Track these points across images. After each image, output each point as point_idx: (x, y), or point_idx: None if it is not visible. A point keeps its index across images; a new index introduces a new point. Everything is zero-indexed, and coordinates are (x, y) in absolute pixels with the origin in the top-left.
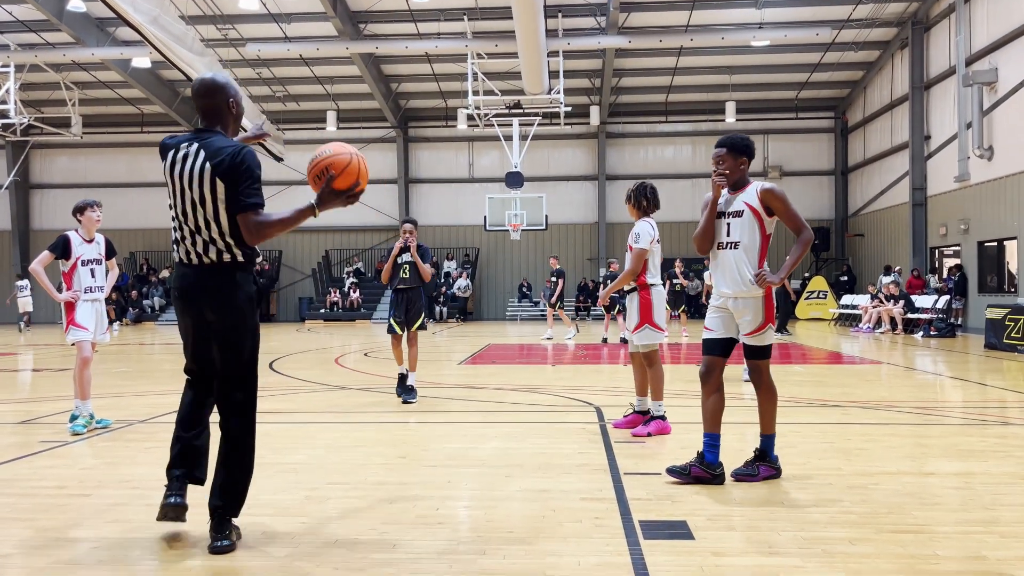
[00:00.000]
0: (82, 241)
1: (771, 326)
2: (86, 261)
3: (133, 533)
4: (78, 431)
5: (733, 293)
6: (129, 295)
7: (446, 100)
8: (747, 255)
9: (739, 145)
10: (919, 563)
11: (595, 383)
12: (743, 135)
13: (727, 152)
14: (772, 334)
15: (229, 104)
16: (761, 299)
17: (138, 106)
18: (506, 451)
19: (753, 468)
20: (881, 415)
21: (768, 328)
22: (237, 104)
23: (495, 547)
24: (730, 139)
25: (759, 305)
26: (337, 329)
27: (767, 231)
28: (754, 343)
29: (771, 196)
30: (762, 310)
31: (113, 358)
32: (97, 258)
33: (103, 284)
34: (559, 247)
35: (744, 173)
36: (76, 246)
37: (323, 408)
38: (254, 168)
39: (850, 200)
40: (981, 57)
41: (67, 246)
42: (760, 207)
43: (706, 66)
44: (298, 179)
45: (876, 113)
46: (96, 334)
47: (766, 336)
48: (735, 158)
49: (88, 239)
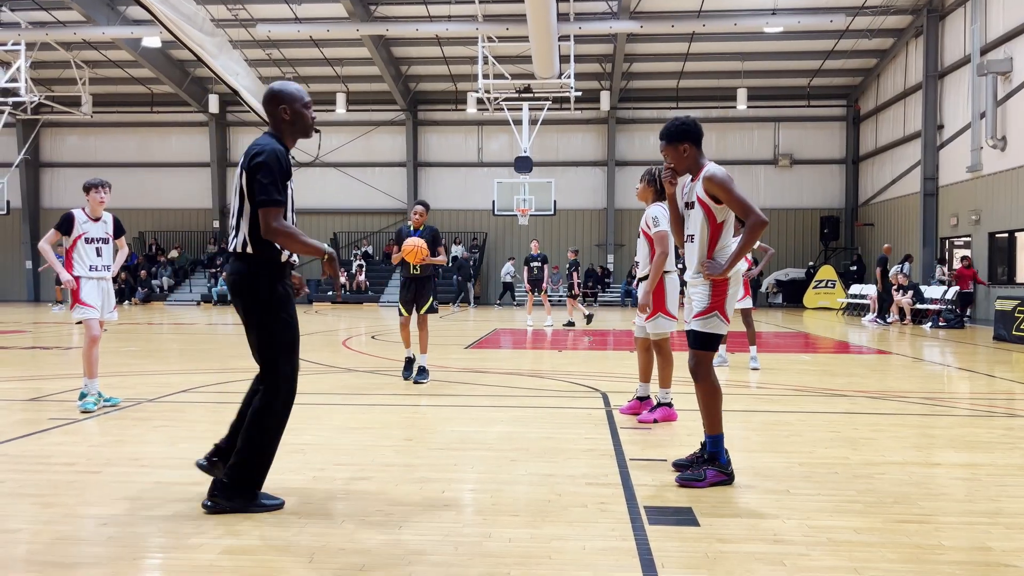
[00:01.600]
0: (87, 219)
1: (717, 313)
2: (91, 239)
3: (142, 510)
4: (88, 409)
5: (691, 282)
6: (138, 275)
7: (456, 83)
8: (699, 246)
9: (673, 132)
10: (924, 553)
11: (602, 369)
12: (680, 119)
13: (665, 144)
14: (721, 325)
15: (281, 111)
16: (710, 284)
17: (148, 86)
18: (512, 435)
19: (700, 472)
20: (888, 405)
21: (714, 315)
22: (289, 111)
23: (500, 530)
24: (664, 128)
25: (707, 290)
26: (345, 311)
27: (717, 219)
28: (698, 328)
29: (711, 184)
30: (709, 295)
31: (122, 337)
32: (104, 237)
33: (110, 263)
34: (567, 233)
35: (693, 158)
36: (80, 223)
37: (331, 390)
38: (271, 166)
39: (860, 189)
40: (996, 46)
41: (70, 223)
42: (706, 196)
43: (718, 52)
44: (306, 161)
45: (889, 102)
46: (104, 312)
47: (710, 323)
48: (674, 147)
49: (95, 217)
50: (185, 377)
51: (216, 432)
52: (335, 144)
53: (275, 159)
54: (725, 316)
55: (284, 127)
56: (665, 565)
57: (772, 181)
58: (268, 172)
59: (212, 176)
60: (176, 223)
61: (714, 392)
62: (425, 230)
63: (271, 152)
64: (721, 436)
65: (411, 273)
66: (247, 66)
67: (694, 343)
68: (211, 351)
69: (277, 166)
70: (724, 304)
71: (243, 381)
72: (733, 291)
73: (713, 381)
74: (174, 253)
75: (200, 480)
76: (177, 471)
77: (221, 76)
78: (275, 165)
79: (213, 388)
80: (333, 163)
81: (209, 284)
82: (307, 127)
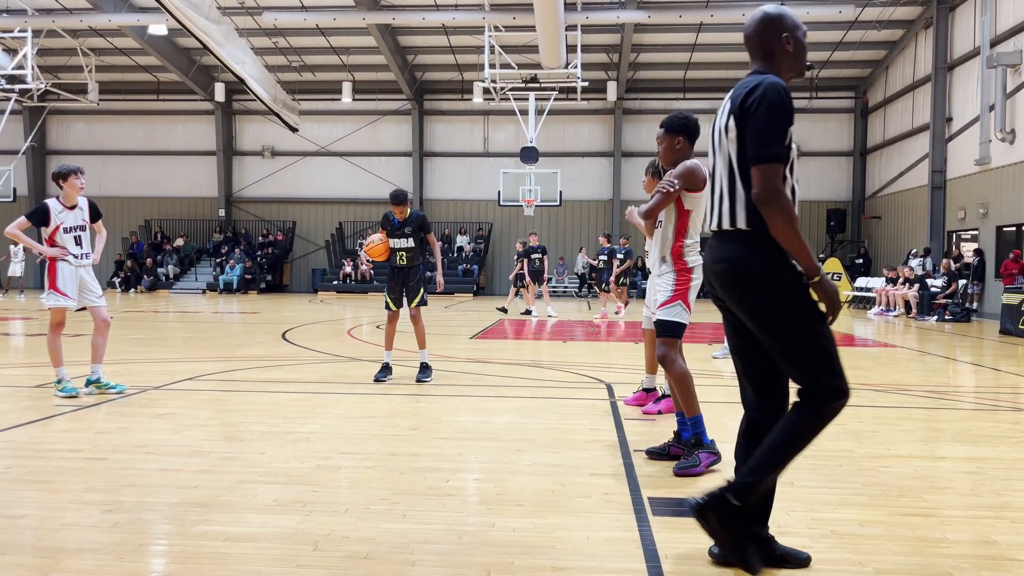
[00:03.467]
0: (63, 208)
1: (680, 303)
2: (69, 228)
3: (148, 497)
4: (72, 393)
5: (655, 272)
6: (144, 263)
7: (462, 73)
8: (663, 234)
9: (674, 125)
10: (928, 546)
11: (607, 360)
12: (684, 114)
13: (664, 132)
14: (684, 313)
15: (784, 40)
16: (674, 275)
17: (154, 74)
18: (517, 426)
19: (694, 458)
20: (894, 398)
21: (678, 304)
22: (792, 40)
23: (504, 520)
24: (667, 118)
25: (671, 280)
26: (349, 300)
27: (685, 206)
28: (664, 317)
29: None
30: (673, 285)
31: (128, 325)
32: (81, 224)
33: (90, 251)
34: (573, 224)
35: (683, 152)
36: (56, 214)
37: (336, 379)
38: (775, 108)
39: (868, 182)
40: (1006, 39)
41: (45, 214)
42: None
43: (726, 43)
44: (312, 150)
45: (897, 94)
46: (93, 299)
47: (674, 311)
48: (671, 137)
49: (69, 205)
50: (190, 365)
51: (220, 420)
52: (341, 133)
53: (779, 100)
54: (688, 305)
55: (784, 61)
56: (668, 555)
57: None
58: (770, 116)
59: (218, 164)
60: (182, 211)
61: (684, 377)
62: (411, 217)
63: (773, 89)
64: (700, 417)
65: (397, 263)
66: (253, 54)
67: (661, 332)
68: (216, 339)
69: (781, 109)
70: (688, 294)
71: (248, 369)
72: (696, 282)
73: (681, 367)
74: (180, 241)
75: (207, 468)
76: (182, 458)
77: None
78: (779, 107)
79: (218, 376)
80: (339, 152)
81: (215, 272)
82: (804, 62)
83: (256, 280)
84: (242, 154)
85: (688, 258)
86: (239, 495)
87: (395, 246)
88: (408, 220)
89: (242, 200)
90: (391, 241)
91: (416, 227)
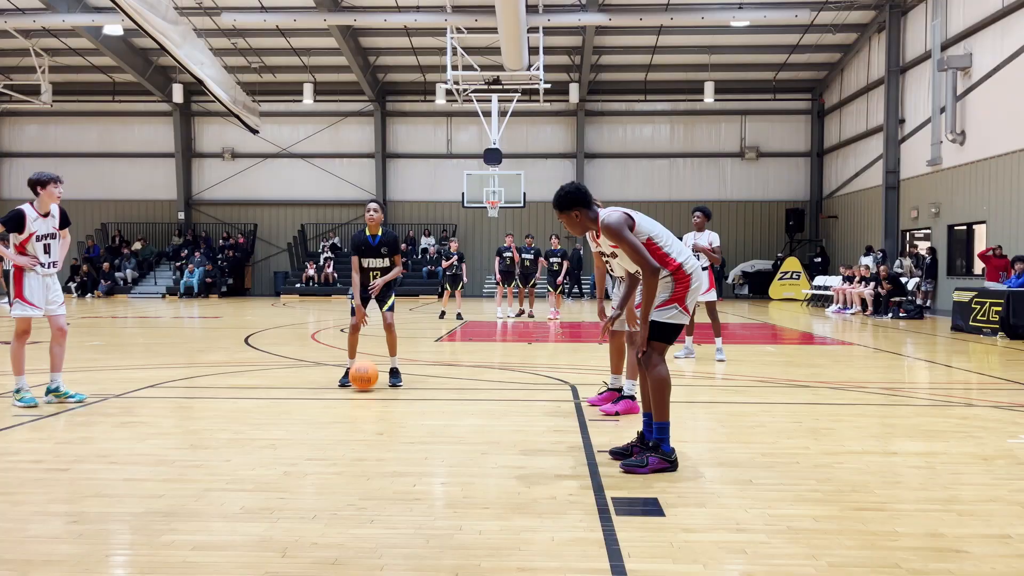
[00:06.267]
0: (37, 216)
1: (677, 305)
2: (40, 236)
3: (113, 507)
4: (31, 404)
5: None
6: (101, 267)
7: (424, 74)
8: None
9: (563, 201)
10: (880, 539)
11: (571, 361)
12: (565, 188)
13: (559, 213)
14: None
15: None
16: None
17: (110, 74)
18: (483, 428)
19: (642, 459)
20: (849, 396)
21: (674, 307)
22: None
23: (471, 523)
24: (554, 199)
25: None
26: (313, 304)
27: (641, 239)
28: (659, 319)
29: (607, 233)
30: (672, 288)
31: (86, 332)
32: (52, 232)
33: (57, 259)
34: (537, 225)
35: (584, 218)
36: (31, 221)
37: (301, 384)
38: None
39: (825, 182)
40: (956, 42)
41: (21, 220)
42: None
43: (686, 45)
44: (273, 152)
45: (852, 96)
46: (55, 307)
47: (670, 314)
48: (567, 215)
49: (43, 213)
50: (152, 372)
51: (184, 428)
52: (303, 135)
53: None
54: (685, 309)
55: None
56: (631, 555)
57: (739, 174)
58: None
59: (177, 167)
60: (140, 214)
61: (664, 383)
62: (383, 239)
63: None
64: (667, 424)
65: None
66: (212, 55)
67: (654, 334)
68: (177, 345)
69: None
70: (686, 297)
71: (211, 375)
72: (696, 285)
73: (663, 372)
74: (138, 245)
75: (172, 477)
76: (146, 467)
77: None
78: None
79: (181, 383)
80: (301, 154)
81: (175, 276)
82: None
83: (217, 284)
84: (202, 156)
85: (685, 267)
86: (205, 503)
87: (369, 265)
88: (384, 241)
89: (202, 202)
90: (365, 261)
91: (391, 248)
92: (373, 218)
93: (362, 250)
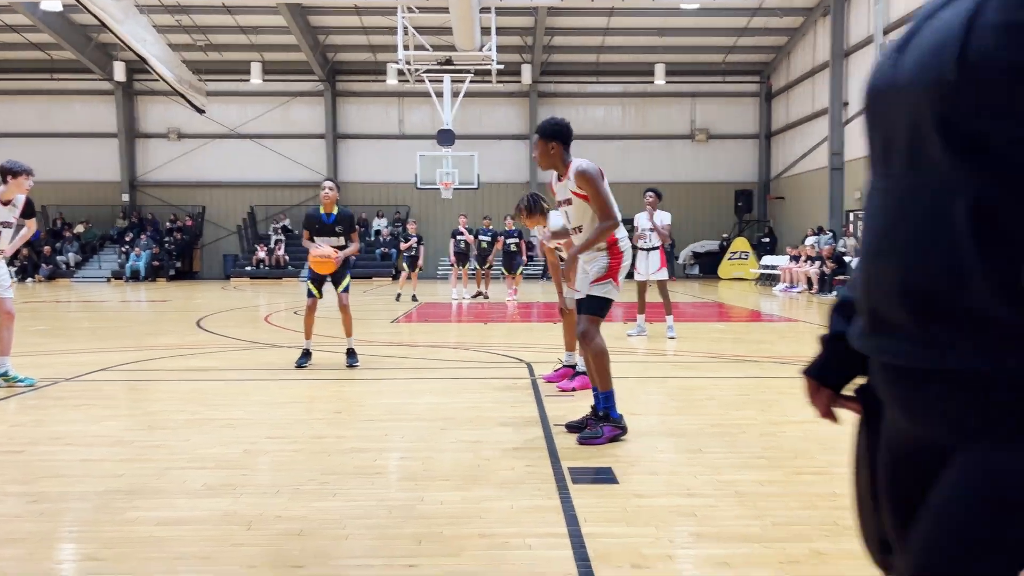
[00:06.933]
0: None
1: (611, 280)
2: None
3: (72, 487)
4: None
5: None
6: (41, 251)
7: (375, 54)
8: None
9: (546, 130)
10: (820, 500)
11: (526, 340)
12: (554, 120)
13: (538, 138)
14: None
15: None
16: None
17: (48, 51)
18: (440, 405)
19: (597, 430)
20: (794, 369)
21: (609, 282)
22: None
23: (432, 494)
24: (540, 125)
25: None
26: (264, 287)
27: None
28: (595, 293)
29: (580, 179)
30: (607, 265)
31: (28, 316)
32: (8, 221)
33: (5, 248)
34: (491, 206)
35: (558, 157)
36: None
37: (256, 366)
38: None
39: (773, 163)
40: (898, 27)
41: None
42: (579, 189)
43: (637, 27)
44: (221, 132)
45: (799, 79)
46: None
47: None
48: (545, 142)
49: (4, 201)
50: (100, 356)
51: (140, 410)
52: (251, 115)
53: None
54: (618, 284)
55: None
56: (587, 519)
57: (689, 155)
58: None
59: (120, 147)
60: (82, 196)
61: (602, 353)
62: (339, 216)
63: None
64: (612, 392)
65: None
66: (156, 33)
67: (588, 308)
68: (125, 328)
69: None
70: (618, 274)
71: (163, 359)
72: (626, 263)
73: (600, 344)
74: (80, 228)
75: (131, 457)
76: (104, 448)
77: (127, 43)
78: None
79: (132, 366)
80: (249, 134)
81: (120, 260)
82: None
83: (165, 267)
84: (146, 136)
85: (620, 243)
86: (167, 481)
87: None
88: (340, 219)
89: (147, 184)
90: (318, 239)
91: (348, 226)
92: (328, 195)
93: (315, 227)
